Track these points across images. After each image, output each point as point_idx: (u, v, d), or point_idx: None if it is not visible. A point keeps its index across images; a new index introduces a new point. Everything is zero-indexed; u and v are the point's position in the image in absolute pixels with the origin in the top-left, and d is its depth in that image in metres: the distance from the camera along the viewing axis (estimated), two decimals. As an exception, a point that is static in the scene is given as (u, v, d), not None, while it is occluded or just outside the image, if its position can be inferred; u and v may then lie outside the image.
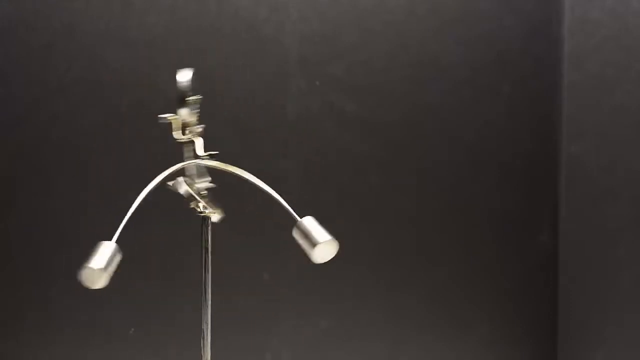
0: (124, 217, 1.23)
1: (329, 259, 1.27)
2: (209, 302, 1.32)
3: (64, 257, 2.18)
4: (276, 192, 1.31)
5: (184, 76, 1.27)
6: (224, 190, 1.37)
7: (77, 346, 2.21)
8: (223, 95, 2.20)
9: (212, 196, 1.35)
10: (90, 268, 1.14)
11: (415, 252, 2.32)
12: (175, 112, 1.29)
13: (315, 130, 2.26)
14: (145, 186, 1.26)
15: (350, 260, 2.28)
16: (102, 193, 2.18)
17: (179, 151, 2.21)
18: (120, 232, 1.20)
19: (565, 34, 2.29)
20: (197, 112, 1.31)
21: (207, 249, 1.32)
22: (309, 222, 1.28)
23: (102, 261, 1.16)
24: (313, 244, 1.25)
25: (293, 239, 1.28)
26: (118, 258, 1.18)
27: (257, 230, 2.23)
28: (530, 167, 2.34)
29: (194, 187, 1.31)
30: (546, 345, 2.35)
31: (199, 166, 1.31)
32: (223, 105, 2.20)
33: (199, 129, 1.32)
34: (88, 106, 2.19)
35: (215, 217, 1.33)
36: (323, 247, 1.26)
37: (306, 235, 1.27)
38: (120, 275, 1.23)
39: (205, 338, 1.32)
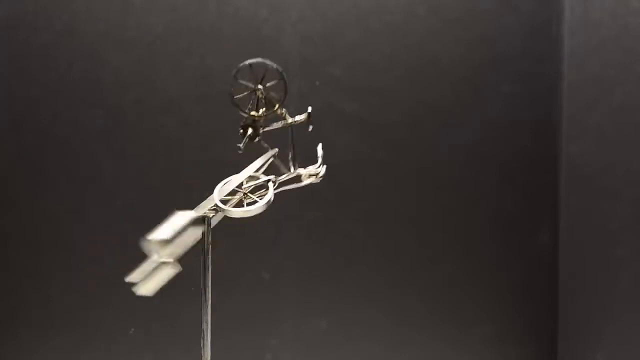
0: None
1: (154, 253, 1.18)
2: (209, 302, 1.32)
3: (63, 257, 2.18)
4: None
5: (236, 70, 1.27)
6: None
7: (77, 346, 2.21)
8: (223, 95, 2.20)
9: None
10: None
11: (416, 252, 2.31)
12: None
13: (316, 130, 2.25)
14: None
15: (351, 260, 2.29)
16: (102, 193, 2.18)
17: (178, 151, 2.20)
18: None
19: (565, 34, 2.29)
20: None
21: (207, 249, 1.32)
22: (175, 217, 1.18)
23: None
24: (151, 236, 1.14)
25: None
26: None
27: (257, 230, 2.23)
28: (530, 167, 2.34)
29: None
30: (546, 345, 2.35)
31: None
32: (223, 105, 2.20)
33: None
34: (88, 106, 2.19)
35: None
36: (153, 243, 1.15)
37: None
38: (120, 275, 1.23)
39: (205, 338, 1.32)
